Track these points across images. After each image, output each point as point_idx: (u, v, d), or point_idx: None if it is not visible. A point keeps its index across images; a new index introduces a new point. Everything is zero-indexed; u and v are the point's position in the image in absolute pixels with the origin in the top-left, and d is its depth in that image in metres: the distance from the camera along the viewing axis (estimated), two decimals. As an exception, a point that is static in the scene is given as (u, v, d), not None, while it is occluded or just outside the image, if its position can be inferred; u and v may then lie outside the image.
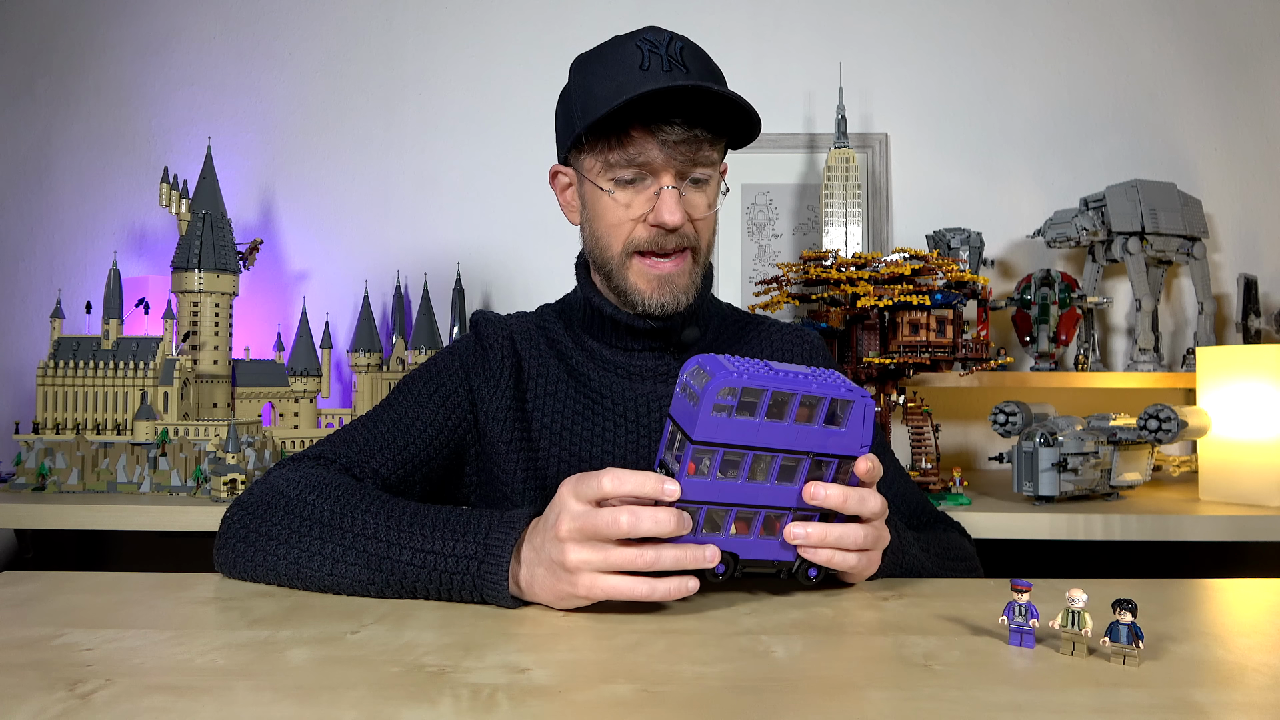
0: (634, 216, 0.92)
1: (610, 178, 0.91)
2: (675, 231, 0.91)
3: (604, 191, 0.92)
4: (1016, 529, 1.37)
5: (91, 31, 2.08)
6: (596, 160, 0.92)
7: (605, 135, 0.89)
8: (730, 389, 0.64)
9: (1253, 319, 1.89)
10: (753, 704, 0.51)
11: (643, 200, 0.91)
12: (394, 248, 2.06)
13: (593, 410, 0.97)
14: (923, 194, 2.03)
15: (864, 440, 0.70)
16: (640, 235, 0.92)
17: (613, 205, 0.92)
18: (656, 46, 0.88)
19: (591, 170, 0.93)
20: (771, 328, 1.09)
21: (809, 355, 1.07)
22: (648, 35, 0.90)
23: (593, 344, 1.01)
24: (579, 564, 0.65)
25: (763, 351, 1.06)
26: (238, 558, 0.78)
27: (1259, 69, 2.04)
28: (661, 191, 0.89)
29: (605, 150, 0.90)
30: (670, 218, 0.89)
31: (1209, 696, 0.52)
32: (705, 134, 0.89)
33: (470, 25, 2.09)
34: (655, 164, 0.89)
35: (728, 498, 0.67)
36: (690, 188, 0.92)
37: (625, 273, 0.94)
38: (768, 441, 0.66)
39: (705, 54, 0.92)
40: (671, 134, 0.87)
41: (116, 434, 1.63)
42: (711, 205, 0.94)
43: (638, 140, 0.88)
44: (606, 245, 0.94)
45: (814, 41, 2.05)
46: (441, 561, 0.70)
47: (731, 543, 0.68)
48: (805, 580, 0.71)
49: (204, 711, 0.49)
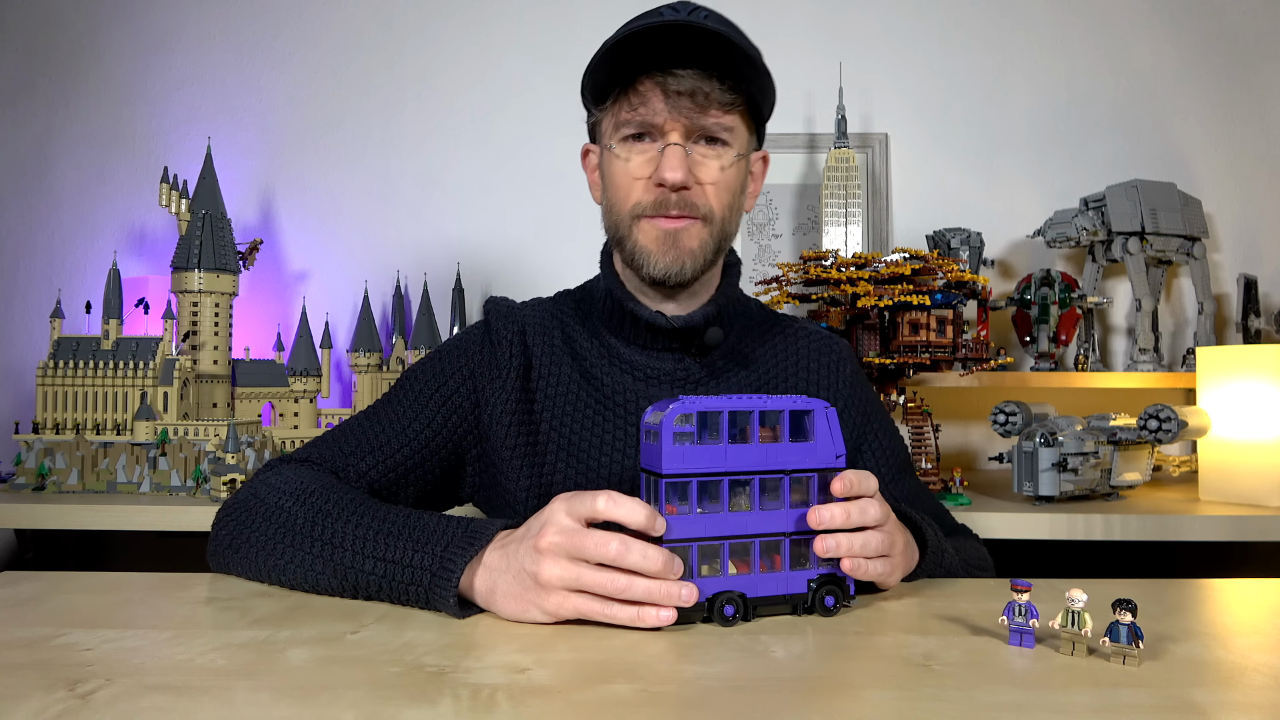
0: (638, 175, 0.89)
1: (619, 137, 0.90)
2: (680, 191, 0.88)
3: (614, 154, 0.90)
4: (1016, 529, 1.37)
5: (91, 31, 2.08)
6: (610, 121, 0.91)
7: (613, 89, 0.88)
8: (685, 416, 0.65)
9: (1253, 319, 1.89)
10: (753, 704, 0.51)
11: (647, 159, 0.89)
12: (394, 248, 2.05)
13: (604, 417, 0.94)
14: (923, 194, 2.03)
15: (838, 450, 0.69)
16: (645, 197, 0.89)
17: (620, 166, 0.90)
18: (679, 10, 0.86)
19: (605, 133, 0.92)
20: (800, 333, 1.04)
21: (836, 365, 1.02)
22: (674, 4, 0.88)
23: (610, 339, 0.97)
24: (552, 579, 0.64)
25: (788, 359, 1.02)
26: (225, 562, 0.82)
27: (1259, 69, 2.04)
28: (666, 148, 0.87)
29: (616, 110, 0.89)
30: (671, 175, 0.86)
31: (1209, 696, 0.52)
32: (713, 87, 0.85)
33: (470, 25, 2.09)
34: (660, 118, 0.87)
35: (714, 530, 0.66)
36: (704, 149, 0.89)
37: (634, 235, 0.91)
38: (738, 465, 0.66)
39: (731, 22, 0.89)
40: (676, 83, 0.85)
41: (116, 434, 1.63)
42: (725, 170, 0.89)
43: (644, 93, 0.87)
44: (617, 211, 0.92)
45: (814, 41, 2.05)
46: (398, 571, 0.70)
47: (735, 582, 0.67)
48: (824, 611, 0.69)
49: (204, 711, 0.49)
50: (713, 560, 0.67)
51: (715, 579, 0.66)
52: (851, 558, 0.68)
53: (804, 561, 0.69)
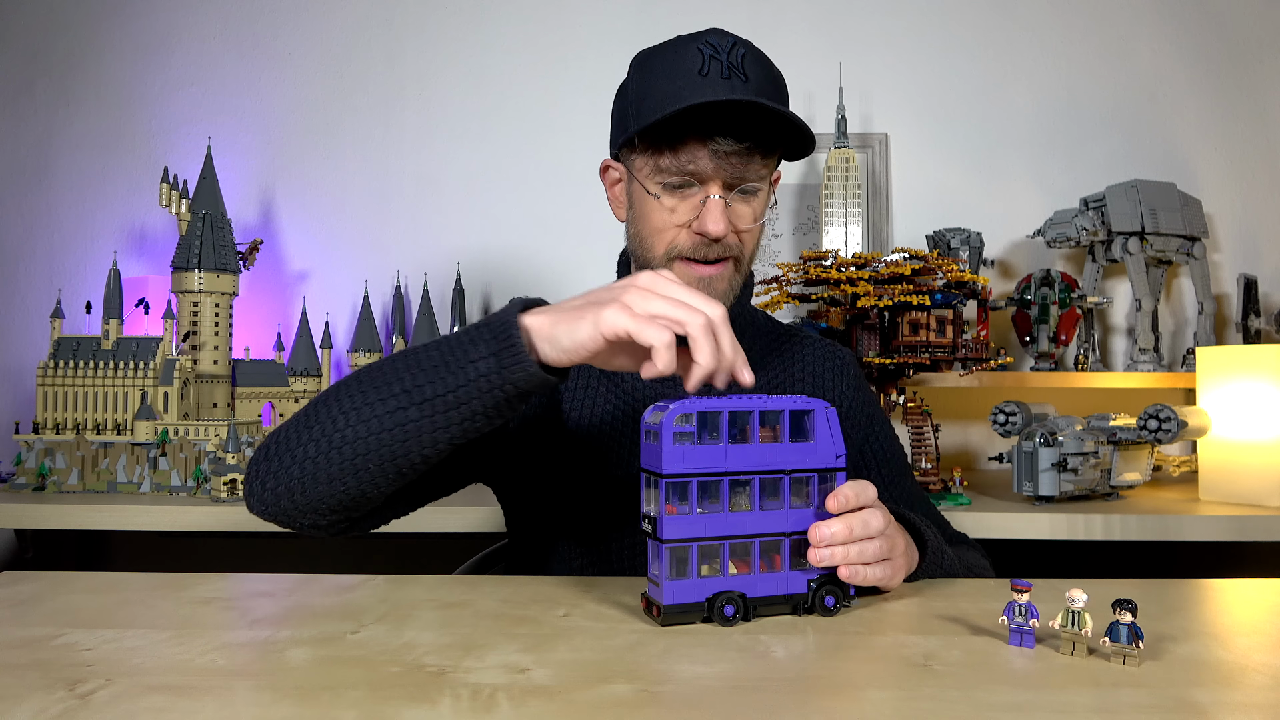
0: (678, 222, 0.91)
1: (659, 181, 0.90)
2: (719, 241, 0.90)
3: (651, 195, 0.91)
4: (1016, 529, 1.37)
5: (91, 31, 2.08)
6: (647, 162, 0.91)
7: (657, 139, 0.89)
8: (685, 416, 0.65)
9: (1253, 319, 1.89)
10: (753, 704, 0.51)
11: (689, 207, 0.90)
12: (394, 248, 2.05)
13: (625, 414, 0.96)
14: (923, 194, 2.03)
15: (838, 450, 0.70)
16: (683, 241, 0.91)
17: (658, 209, 0.91)
18: (719, 52, 0.87)
19: (641, 170, 0.92)
20: (805, 342, 1.08)
21: (840, 373, 1.06)
22: (711, 39, 0.88)
23: None
24: (631, 301, 0.67)
25: (794, 366, 1.05)
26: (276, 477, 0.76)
27: (1259, 69, 2.04)
28: (708, 200, 0.89)
29: (656, 154, 0.89)
30: (714, 228, 0.88)
31: (1209, 696, 0.52)
32: (757, 148, 0.88)
33: (470, 25, 2.09)
34: (705, 173, 0.88)
35: (715, 530, 0.66)
36: (738, 198, 0.91)
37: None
38: (738, 465, 0.66)
39: (768, 61, 0.90)
40: (723, 145, 0.86)
41: (116, 434, 1.63)
42: (758, 218, 0.93)
43: (689, 148, 0.87)
44: (649, 247, 0.93)
45: (814, 41, 2.05)
46: (459, 351, 0.71)
47: (734, 582, 0.67)
48: (824, 611, 0.69)
49: (204, 711, 0.49)
50: (713, 560, 0.67)
51: (715, 579, 0.66)
52: (849, 565, 0.69)
53: (804, 562, 0.69)
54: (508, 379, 0.69)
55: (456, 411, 0.71)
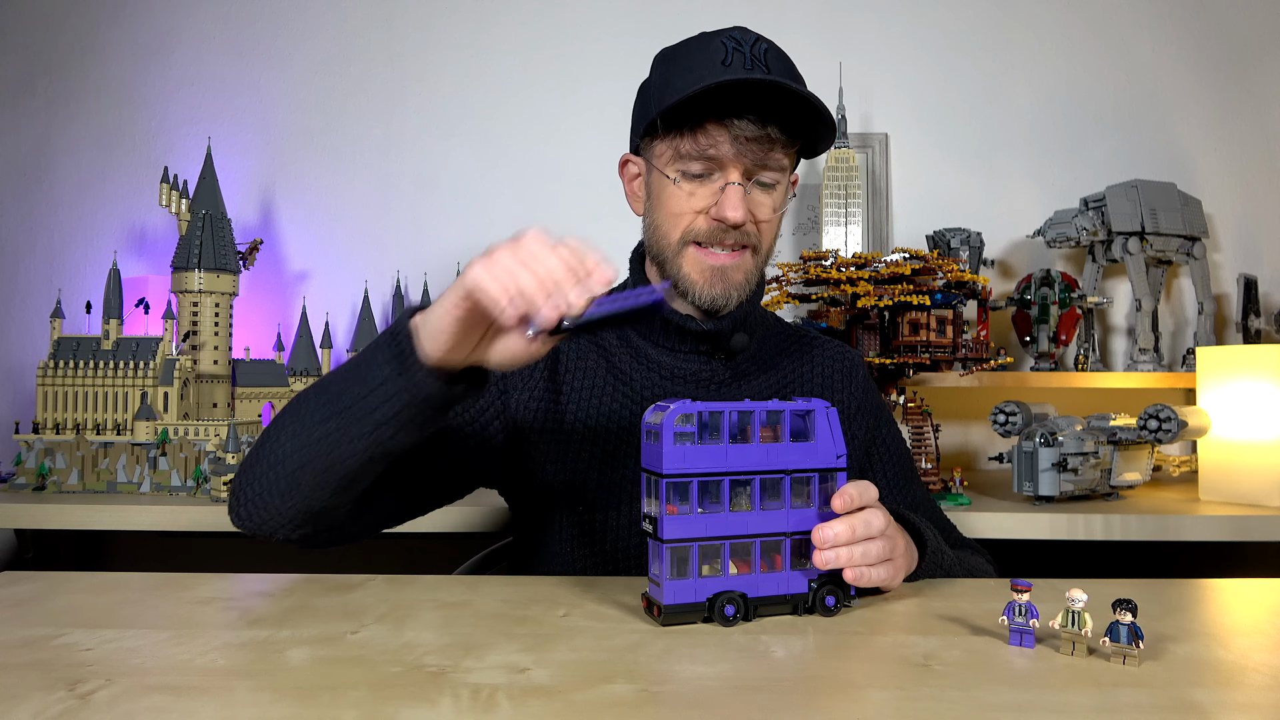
0: (696, 208, 0.91)
1: (678, 168, 0.91)
2: (736, 229, 0.90)
3: (670, 180, 0.91)
4: (1016, 529, 1.37)
5: (91, 31, 2.08)
6: (667, 148, 0.91)
7: (679, 125, 0.89)
8: (686, 416, 0.65)
9: (1253, 319, 1.89)
10: (753, 704, 0.51)
11: (708, 193, 0.91)
12: (394, 248, 2.05)
13: (630, 411, 0.96)
14: (923, 194, 2.03)
15: (838, 450, 0.70)
16: (700, 226, 0.91)
17: (677, 193, 0.91)
18: (741, 45, 0.88)
19: (661, 157, 0.92)
20: (815, 342, 1.08)
21: (849, 374, 1.06)
22: (734, 33, 0.90)
23: (638, 340, 1.00)
24: (500, 255, 0.66)
25: (804, 367, 1.05)
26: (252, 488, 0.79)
27: (1259, 69, 2.04)
28: (727, 187, 0.89)
29: (677, 138, 0.90)
30: (732, 213, 0.88)
31: (1209, 696, 0.52)
32: (778, 134, 0.88)
33: (470, 25, 2.09)
34: (725, 158, 0.89)
35: (715, 530, 0.66)
36: (756, 189, 0.91)
37: (680, 261, 0.93)
38: (739, 465, 0.66)
39: (789, 58, 0.92)
40: (744, 129, 0.86)
41: (116, 434, 1.63)
42: (777, 209, 0.93)
43: (710, 132, 0.88)
44: (665, 233, 0.93)
45: (814, 41, 2.05)
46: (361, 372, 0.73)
47: (735, 582, 0.67)
48: (824, 611, 0.69)
49: (204, 711, 0.49)
50: (713, 560, 0.67)
51: (716, 579, 0.66)
52: (854, 568, 0.69)
53: (805, 561, 0.69)
54: (404, 386, 0.70)
55: (370, 418, 0.72)
